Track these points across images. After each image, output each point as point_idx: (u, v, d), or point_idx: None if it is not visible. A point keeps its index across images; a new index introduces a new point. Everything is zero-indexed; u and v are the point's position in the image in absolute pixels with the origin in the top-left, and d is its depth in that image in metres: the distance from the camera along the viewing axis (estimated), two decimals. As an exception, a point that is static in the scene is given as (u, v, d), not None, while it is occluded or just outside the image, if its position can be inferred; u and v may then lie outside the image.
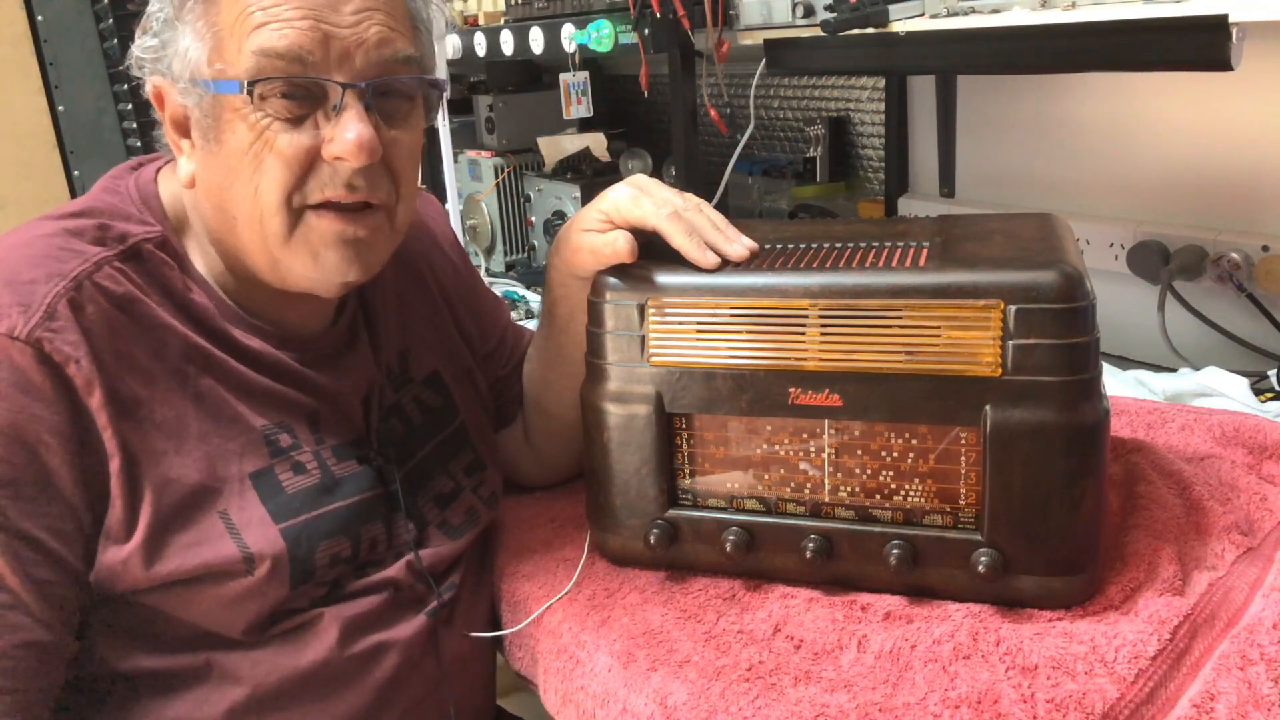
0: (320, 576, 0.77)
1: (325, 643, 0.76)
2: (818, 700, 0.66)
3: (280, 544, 0.74)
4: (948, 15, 1.18)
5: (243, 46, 0.69)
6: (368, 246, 0.76)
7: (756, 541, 0.78)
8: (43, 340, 0.67)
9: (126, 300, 0.72)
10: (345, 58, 0.71)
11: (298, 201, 0.73)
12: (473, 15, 1.83)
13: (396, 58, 0.73)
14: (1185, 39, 0.97)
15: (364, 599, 0.79)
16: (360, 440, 0.83)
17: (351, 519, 0.79)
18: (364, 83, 0.72)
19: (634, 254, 0.78)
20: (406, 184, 0.78)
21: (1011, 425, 0.69)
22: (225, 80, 0.71)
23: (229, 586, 0.72)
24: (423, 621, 0.82)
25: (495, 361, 1.02)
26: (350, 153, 0.71)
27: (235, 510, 0.74)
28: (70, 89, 2.16)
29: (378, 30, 0.72)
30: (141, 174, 0.81)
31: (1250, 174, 1.22)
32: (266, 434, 0.77)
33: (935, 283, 0.70)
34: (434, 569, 0.84)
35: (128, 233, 0.75)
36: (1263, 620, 0.67)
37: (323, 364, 0.82)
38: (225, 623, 0.73)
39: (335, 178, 0.72)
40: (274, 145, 0.71)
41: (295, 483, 0.77)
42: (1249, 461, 0.91)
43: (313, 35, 0.69)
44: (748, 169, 1.81)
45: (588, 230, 0.81)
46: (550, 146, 1.92)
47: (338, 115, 0.71)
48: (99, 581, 0.70)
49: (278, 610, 0.75)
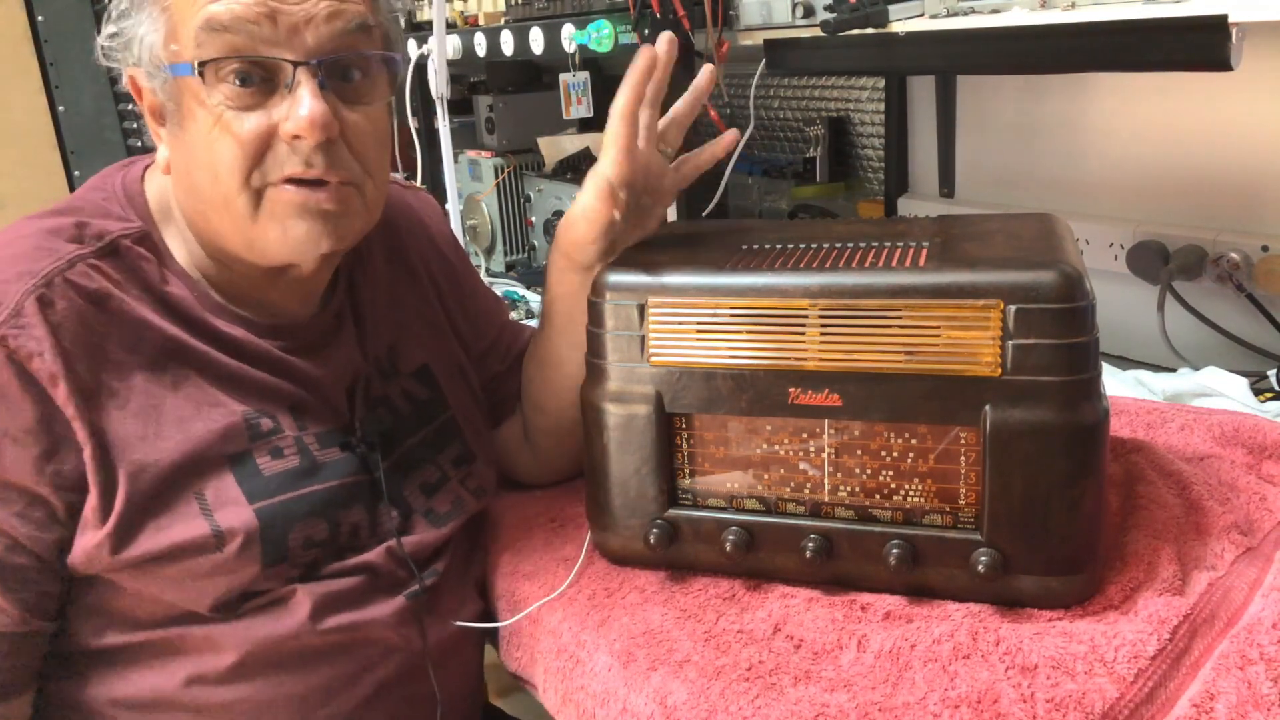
0: (295, 558, 0.77)
1: (297, 616, 0.77)
2: (818, 700, 0.66)
3: (254, 522, 0.75)
4: (948, 15, 1.18)
5: (192, 25, 0.70)
6: (337, 217, 0.76)
7: (756, 541, 0.78)
8: (7, 338, 0.69)
9: (100, 295, 0.74)
10: (294, 33, 0.71)
11: (257, 181, 0.73)
12: (473, 15, 1.83)
13: (349, 29, 0.73)
14: (1185, 39, 0.97)
15: (339, 580, 0.80)
16: (344, 428, 0.84)
17: (330, 502, 0.80)
18: (316, 60, 0.72)
19: (619, 203, 0.81)
20: (374, 162, 0.78)
21: (1011, 425, 0.69)
22: (180, 63, 0.72)
23: (198, 561, 0.73)
24: (401, 604, 0.82)
25: (491, 358, 1.02)
26: (304, 129, 0.71)
27: (210, 491, 0.75)
28: (70, 89, 2.16)
29: (327, 5, 0.72)
30: (130, 171, 0.82)
31: (1250, 174, 1.22)
32: (248, 419, 0.78)
33: (935, 283, 0.70)
34: (416, 555, 0.84)
35: (106, 230, 0.76)
36: (1262, 620, 0.67)
37: (306, 352, 0.83)
38: (194, 599, 0.74)
39: (292, 156, 0.73)
40: (230, 128, 0.72)
41: (273, 466, 0.78)
42: (1249, 461, 0.91)
43: (258, 9, 0.70)
44: (748, 169, 1.81)
45: (576, 203, 0.84)
46: (550, 147, 1.92)
47: (291, 94, 0.72)
48: (75, 564, 0.72)
49: (249, 589, 0.76)
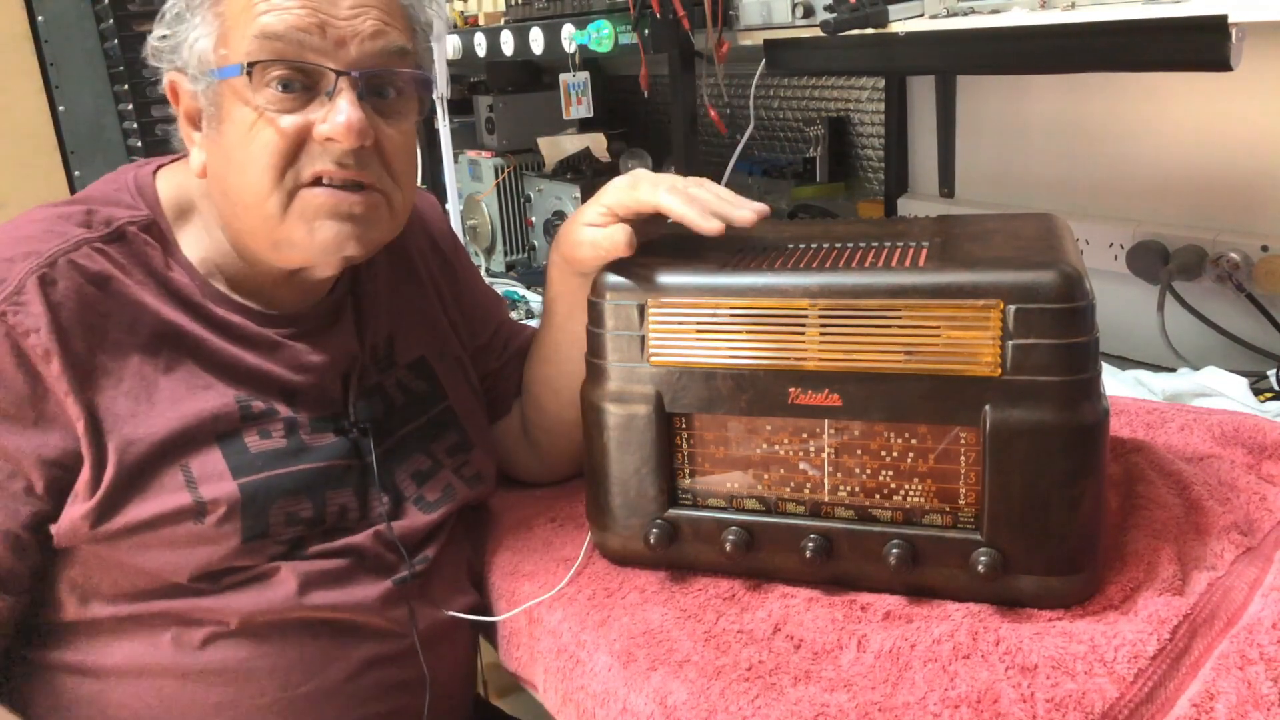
0: (276, 534, 0.78)
1: (283, 591, 0.78)
2: (818, 700, 0.66)
3: (235, 495, 0.76)
4: (947, 15, 1.18)
5: (245, 32, 0.74)
6: (365, 222, 0.78)
7: (756, 541, 0.78)
8: (5, 314, 0.72)
9: (102, 277, 0.76)
10: (341, 45, 0.75)
11: (290, 180, 0.76)
12: (473, 15, 1.83)
13: (390, 49, 0.77)
14: (1185, 39, 0.97)
15: (324, 560, 0.80)
16: (337, 415, 0.85)
17: (316, 481, 0.81)
18: (357, 71, 0.75)
19: (632, 246, 0.79)
20: (404, 175, 0.81)
21: (1011, 425, 0.69)
22: (228, 65, 0.75)
23: (178, 530, 0.75)
24: (389, 588, 0.83)
25: (488, 354, 1.03)
26: (340, 133, 0.74)
27: (196, 465, 0.76)
28: (70, 89, 2.16)
29: (373, 24, 0.76)
30: (143, 170, 0.85)
31: (1250, 174, 1.22)
32: (240, 403, 0.79)
33: (935, 283, 0.70)
34: (405, 540, 0.85)
35: (113, 216, 0.80)
36: (1262, 620, 0.67)
37: (303, 339, 0.84)
38: (173, 568, 0.75)
39: (325, 154, 0.76)
40: (270, 124, 0.75)
41: (261, 445, 0.79)
42: (1248, 461, 0.91)
43: (310, 20, 0.74)
44: (748, 169, 1.81)
45: (588, 224, 0.82)
46: (550, 147, 1.92)
47: (330, 100, 0.75)
48: (60, 534, 0.74)
49: (230, 563, 0.77)
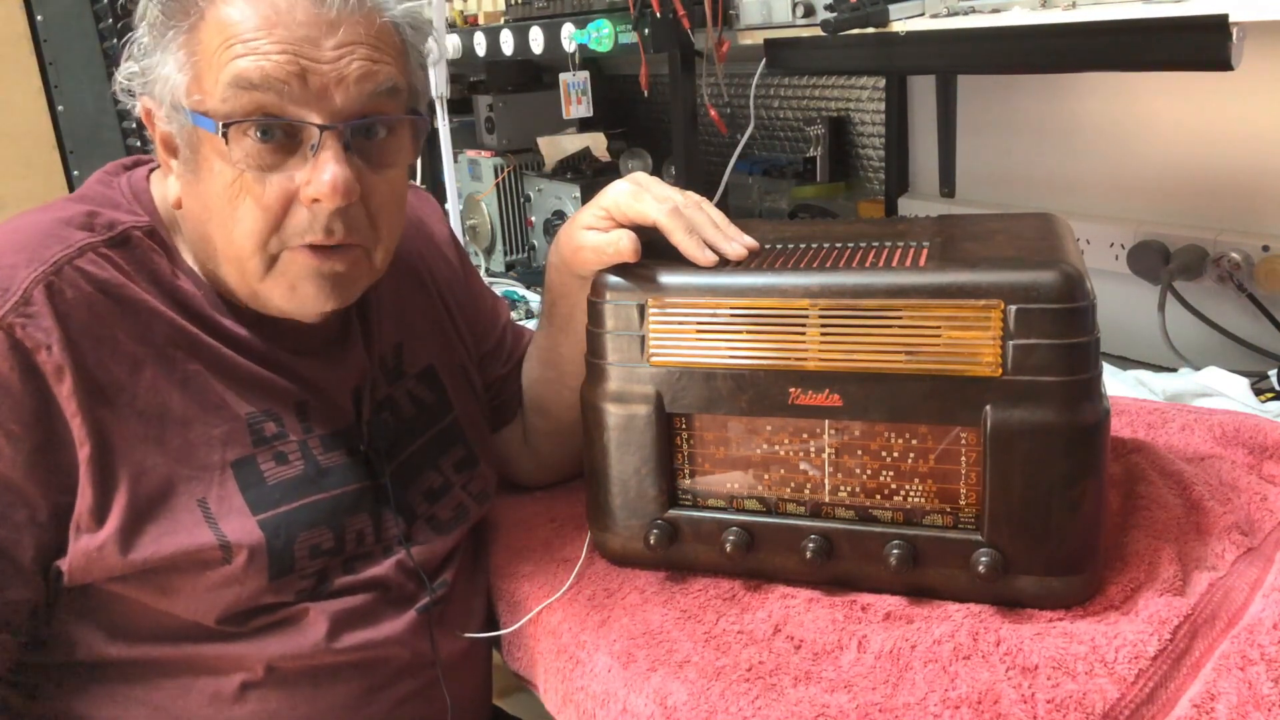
0: (302, 569, 0.76)
1: (313, 636, 0.76)
2: (818, 700, 0.66)
3: (258, 535, 0.74)
4: (948, 15, 1.18)
5: (219, 77, 0.69)
6: (346, 279, 0.76)
7: (756, 541, 0.78)
8: (14, 326, 0.67)
9: (110, 285, 0.72)
10: (324, 94, 0.70)
11: (275, 246, 0.73)
12: (473, 15, 1.83)
13: (379, 91, 0.72)
14: (1185, 39, 0.97)
15: (352, 596, 0.79)
16: (350, 431, 0.83)
17: (335, 510, 0.79)
18: (342, 124, 0.70)
19: (637, 253, 0.78)
20: (387, 226, 0.77)
21: (1012, 425, 0.69)
22: (203, 115, 0.70)
23: (206, 575, 0.72)
24: (413, 618, 0.82)
25: (493, 360, 1.02)
26: (326, 195, 0.70)
27: (214, 499, 0.74)
28: (70, 89, 2.16)
29: (359, 65, 0.70)
30: (134, 173, 0.81)
31: (1250, 174, 1.22)
32: (251, 422, 0.77)
33: (935, 283, 0.70)
34: (425, 566, 0.84)
35: (117, 220, 0.75)
36: (1263, 620, 0.67)
37: (313, 354, 0.82)
38: (202, 611, 0.73)
39: (314, 222, 0.72)
40: (251, 191, 0.71)
41: (277, 473, 0.77)
42: (1249, 461, 0.91)
43: (289, 69, 0.68)
44: (748, 169, 1.81)
45: (589, 228, 0.81)
46: (550, 146, 1.92)
47: (315, 156, 0.70)
48: (72, 570, 0.70)
49: (258, 602, 0.75)
